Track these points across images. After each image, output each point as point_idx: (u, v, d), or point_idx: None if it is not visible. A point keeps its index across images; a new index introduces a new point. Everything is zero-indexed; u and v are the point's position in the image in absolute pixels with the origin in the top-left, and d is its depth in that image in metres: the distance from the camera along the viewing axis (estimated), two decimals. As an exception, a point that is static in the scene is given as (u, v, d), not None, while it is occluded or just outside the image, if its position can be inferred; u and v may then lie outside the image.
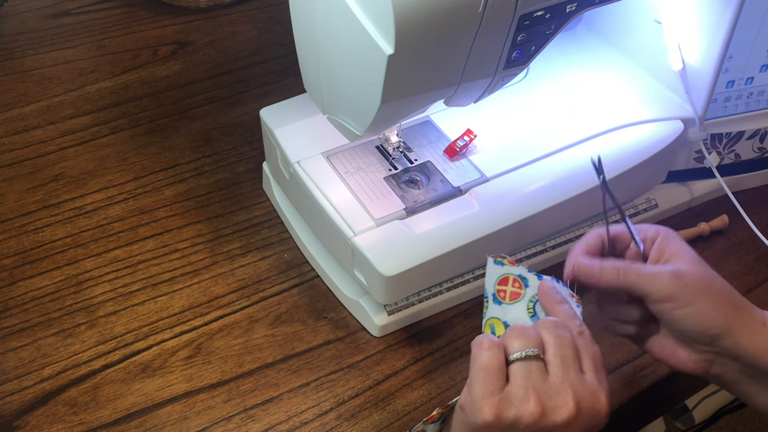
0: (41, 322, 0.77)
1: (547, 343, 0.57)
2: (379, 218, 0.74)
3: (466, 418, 0.57)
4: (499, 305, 0.64)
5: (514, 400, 0.55)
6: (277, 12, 1.14)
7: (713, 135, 0.85)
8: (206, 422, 0.71)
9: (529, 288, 0.64)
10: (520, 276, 0.64)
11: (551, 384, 0.55)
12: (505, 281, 0.64)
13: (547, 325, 0.59)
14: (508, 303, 0.64)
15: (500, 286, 0.64)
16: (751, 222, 0.80)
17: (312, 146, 0.80)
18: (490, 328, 0.64)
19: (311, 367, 0.75)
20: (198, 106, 1.00)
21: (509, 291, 0.64)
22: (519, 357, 0.56)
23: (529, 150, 0.80)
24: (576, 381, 0.56)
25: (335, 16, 0.62)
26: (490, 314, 0.64)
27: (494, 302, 0.64)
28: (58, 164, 0.92)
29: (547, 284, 0.63)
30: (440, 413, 0.61)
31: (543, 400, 0.55)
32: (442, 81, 0.67)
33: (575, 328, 0.59)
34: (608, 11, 0.86)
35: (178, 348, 0.76)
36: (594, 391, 0.56)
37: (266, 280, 0.81)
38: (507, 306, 0.64)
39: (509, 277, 0.64)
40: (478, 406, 0.55)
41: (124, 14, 1.12)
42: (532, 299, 0.64)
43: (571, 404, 0.55)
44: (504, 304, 0.64)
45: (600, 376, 0.57)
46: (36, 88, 1.01)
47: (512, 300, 0.64)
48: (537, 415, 0.54)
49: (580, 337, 0.59)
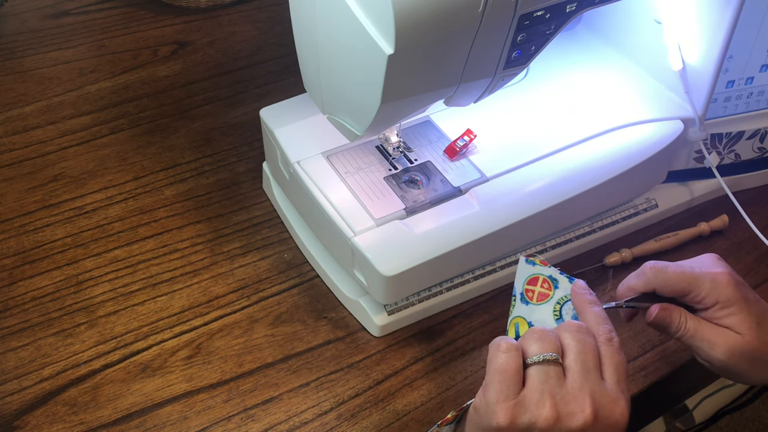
0: (41, 322, 0.77)
1: (567, 348, 0.56)
2: (379, 218, 0.74)
3: (480, 421, 0.56)
4: (527, 305, 0.64)
5: (529, 405, 0.54)
6: (277, 12, 1.14)
7: (713, 135, 0.85)
8: (206, 422, 0.71)
9: (558, 290, 0.63)
10: (550, 277, 0.64)
11: (568, 389, 0.55)
12: (534, 281, 0.64)
13: (570, 329, 0.57)
14: (535, 303, 0.63)
15: (529, 286, 0.64)
16: (751, 222, 0.80)
17: (312, 146, 0.80)
18: (515, 327, 0.64)
19: (311, 367, 0.75)
20: (198, 106, 1.00)
21: (537, 291, 0.64)
22: (537, 360, 0.55)
23: (529, 150, 0.80)
24: (596, 388, 0.55)
25: (335, 16, 0.62)
26: (516, 313, 0.64)
27: (521, 301, 0.64)
28: (58, 164, 0.92)
29: (581, 284, 0.62)
30: (455, 416, 0.60)
31: (559, 405, 0.54)
32: (442, 81, 0.67)
33: (604, 334, 0.58)
34: (608, 11, 0.86)
35: (178, 348, 0.76)
36: (614, 399, 0.55)
37: (266, 280, 0.81)
38: (534, 306, 0.63)
39: (539, 278, 0.64)
40: (493, 410, 0.54)
41: (124, 14, 1.12)
42: (560, 301, 0.63)
43: (588, 411, 0.54)
44: (531, 304, 0.63)
45: (622, 385, 0.56)
46: (36, 88, 1.01)
47: (539, 301, 0.63)
48: (552, 420, 0.53)
49: (607, 344, 0.57)
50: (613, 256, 0.83)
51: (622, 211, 0.85)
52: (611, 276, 0.82)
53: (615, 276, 0.82)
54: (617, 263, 0.82)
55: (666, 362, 0.76)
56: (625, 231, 0.86)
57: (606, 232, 0.84)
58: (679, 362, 0.76)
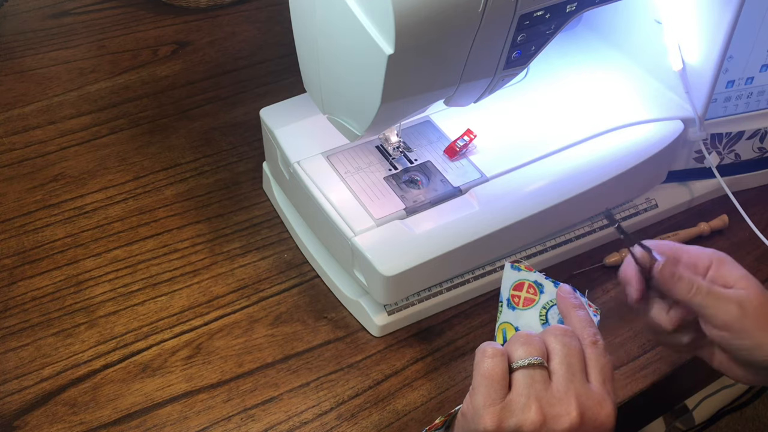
0: (41, 322, 0.77)
1: (552, 351, 0.57)
2: (379, 218, 0.74)
3: (467, 426, 0.56)
4: (513, 310, 0.64)
5: (515, 409, 0.54)
6: (277, 12, 1.14)
7: (713, 135, 0.85)
8: (206, 422, 0.71)
9: (543, 294, 0.64)
10: (535, 282, 0.64)
11: (554, 392, 0.55)
12: (520, 287, 0.64)
13: (554, 332, 0.58)
14: (522, 309, 0.64)
15: (515, 291, 0.65)
16: (751, 222, 0.80)
17: (312, 146, 0.80)
18: (503, 332, 0.64)
19: (311, 367, 0.75)
20: (198, 106, 1.00)
21: (523, 297, 0.64)
22: (522, 365, 0.56)
23: (529, 150, 0.80)
24: (581, 390, 0.55)
25: (335, 16, 0.62)
26: (503, 319, 0.64)
27: (508, 307, 0.64)
28: (58, 164, 0.92)
29: (566, 288, 0.63)
30: (443, 421, 0.61)
31: (545, 408, 0.54)
32: (442, 81, 0.67)
33: (589, 337, 0.58)
34: (608, 11, 0.86)
35: (178, 348, 0.76)
36: (599, 401, 0.55)
37: (266, 280, 0.81)
38: (520, 311, 0.64)
39: (525, 283, 0.64)
40: (480, 414, 0.55)
41: (124, 14, 1.12)
42: (546, 306, 0.63)
43: (574, 413, 0.54)
44: (517, 310, 0.64)
45: (607, 386, 0.56)
46: (36, 88, 1.01)
47: (525, 306, 0.64)
48: (538, 423, 0.54)
49: (592, 347, 0.58)
50: (613, 256, 0.83)
51: (622, 211, 0.85)
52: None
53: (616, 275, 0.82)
54: (617, 263, 0.82)
55: (666, 362, 0.76)
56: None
57: (606, 232, 0.84)
58: (679, 362, 0.76)
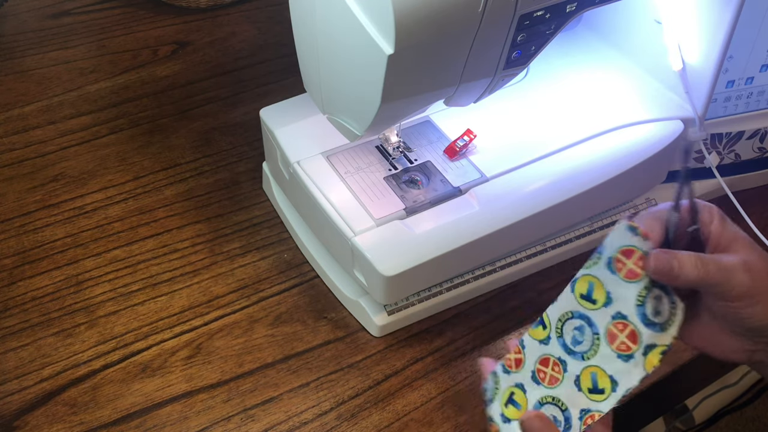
0: (41, 322, 0.77)
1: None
2: (379, 218, 0.74)
3: None
4: (612, 273, 0.55)
5: None
6: (277, 12, 1.14)
7: (713, 135, 0.85)
8: (206, 422, 0.71)
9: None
10: (647, 254, 0.54)
11: None
12: (629, 254, 0.54)
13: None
14: (622, 278, 0.55)
15: (621, 256, 0.55)
16: (751, 222, 0.80)
17: (312, 146, 0.80)
18: (588, 284, 0.56)
19: (311, 367, 0.75)
20: (198, 106, 1.00)
21: (629, 266, 0.55)
22: None
23: (529, 150, 0.80)
24: None
25: (335, 16, 0.62)
26: (594, 272, 0.56)
27: (606, 266, 0.55)
28: (58, 164, 0.92)
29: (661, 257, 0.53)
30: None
31: None
32: (442, 81, 0.67)
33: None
34: (608, 11, 0.86)
35: (178, 348, 0.76)
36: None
37: (266, 280, 0.81)
38: (620, 280, 0.55)
39: (636, 252, 0.54)
40: None
41: (124, 14, 1.12)
42: (648, 287, 0.55)
43: None
44: (617, 276, 0.55)
45: None
46: (36, 88, 1.01)
47: (628, 278, 0.55)
48: None
49: None
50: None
51: (622, 211, 0.85)
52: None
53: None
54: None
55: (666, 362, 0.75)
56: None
57: (606, 232, 0.84)
58: (679, 362, 0.76)
